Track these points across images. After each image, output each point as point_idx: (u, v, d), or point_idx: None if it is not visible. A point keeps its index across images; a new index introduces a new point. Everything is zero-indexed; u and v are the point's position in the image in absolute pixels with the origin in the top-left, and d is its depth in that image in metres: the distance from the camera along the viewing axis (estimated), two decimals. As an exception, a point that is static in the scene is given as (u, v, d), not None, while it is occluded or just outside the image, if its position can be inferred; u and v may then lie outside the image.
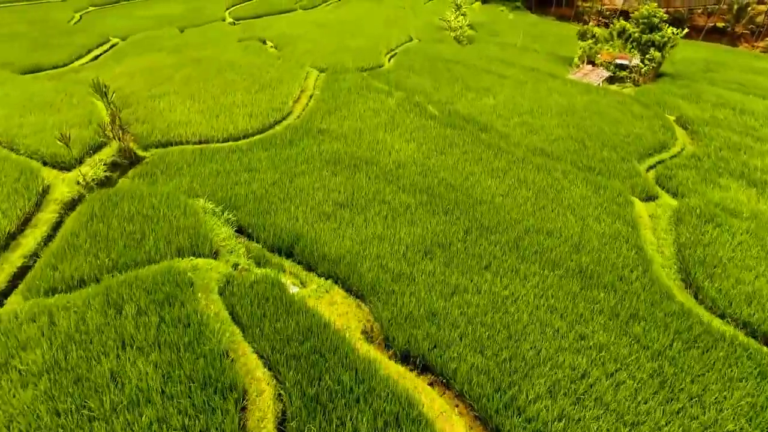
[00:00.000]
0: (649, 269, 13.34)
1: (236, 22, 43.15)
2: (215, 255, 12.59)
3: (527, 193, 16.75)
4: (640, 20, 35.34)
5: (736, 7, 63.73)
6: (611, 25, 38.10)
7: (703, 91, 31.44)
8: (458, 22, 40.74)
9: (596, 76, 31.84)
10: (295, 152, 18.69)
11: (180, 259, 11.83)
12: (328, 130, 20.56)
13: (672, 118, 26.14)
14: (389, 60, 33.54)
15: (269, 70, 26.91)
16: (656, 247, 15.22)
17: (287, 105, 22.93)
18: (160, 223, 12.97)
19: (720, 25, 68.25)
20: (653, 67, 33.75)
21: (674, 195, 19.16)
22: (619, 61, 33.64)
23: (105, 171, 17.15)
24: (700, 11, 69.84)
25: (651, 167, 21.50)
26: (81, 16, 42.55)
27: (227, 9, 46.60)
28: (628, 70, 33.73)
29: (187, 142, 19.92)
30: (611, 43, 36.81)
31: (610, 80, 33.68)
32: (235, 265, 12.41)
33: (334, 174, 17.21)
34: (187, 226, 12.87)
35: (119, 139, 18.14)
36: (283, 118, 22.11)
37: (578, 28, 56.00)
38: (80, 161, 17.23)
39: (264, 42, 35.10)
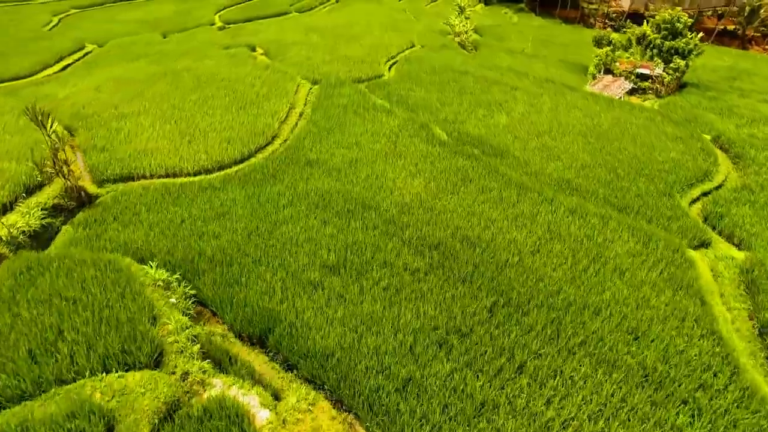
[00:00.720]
0: (738, 371, 9.86)
1: (226, 25, 39.46)
2: (158, 359, 9.09)
3: (562, 249, 13.24)
4: (662, 25, 31.75)
5: (747, 9, 60.00)
6: (629, 30, 34.47)
7: (734, 104, 27.92)
8: (463, 26, 37.09)
9: (617, 87, 28.25)
10: (277, 191, 15.13)
11: (104, 375, 8.34)
12: (318, 161, 17.01)
13: (707, 137, 22.63)
14: (389, 69, 29.95)
15: (255, 83, 23.31)
16: (730, 322, 11.78)
17: (272, 127, 19.36)
18: (87, 313, 9.46)
19: (730, 27, 64.63)
20: (677, 76, 30.19)
21: (729, 239, 15.70)
22: (640, 71, 30.05)
23: (42, 218, 13.62)
24: (709, 13, 66.19)
25: (694, 200, 18.04)
26: (59, 20, 38.78)
27: (217, 12, 42.86)
28: (650, 81, 30.16)
29: (152, 176, 16.38)
30: (630, 50, 33.21)
31: (630, 91, 30.12)
32: (185, 375, 8.93)
33: (323, 222, 13.69)
34: (122, 319, 9.35)
35: (64, 177, 14.60)
36: (267, 144, 18.54)
37: (587, 32, 52.36)
38: (11, 206, 13.71)
39: (253, 49, 31.43)
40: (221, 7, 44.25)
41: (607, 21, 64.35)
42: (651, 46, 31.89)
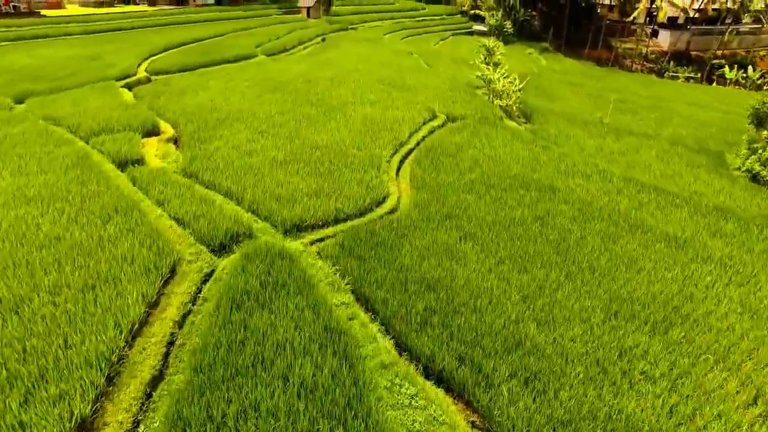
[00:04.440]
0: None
1: (152, 77, 23.90)
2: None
3: None
4: None
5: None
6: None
7: None
8: (509, 84, 21.59)
9: None
10: None
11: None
12: None
13: None
14: (398, 172, 14.39)
15: (71, 284, 7.63)
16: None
17: None
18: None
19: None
20: None
21: None
22: None
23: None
24: (763, 53, 51.45)
25: None
26: None
27: (147, 57, 27.22)
28: None
29: None
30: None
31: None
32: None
33: None
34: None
35: None
36: None
37: (658, 83, 37.44)
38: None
39: (152, 133, 15.79)
40: (157, 51, 28.67)
41: (645, 63, 49.47)
42: None
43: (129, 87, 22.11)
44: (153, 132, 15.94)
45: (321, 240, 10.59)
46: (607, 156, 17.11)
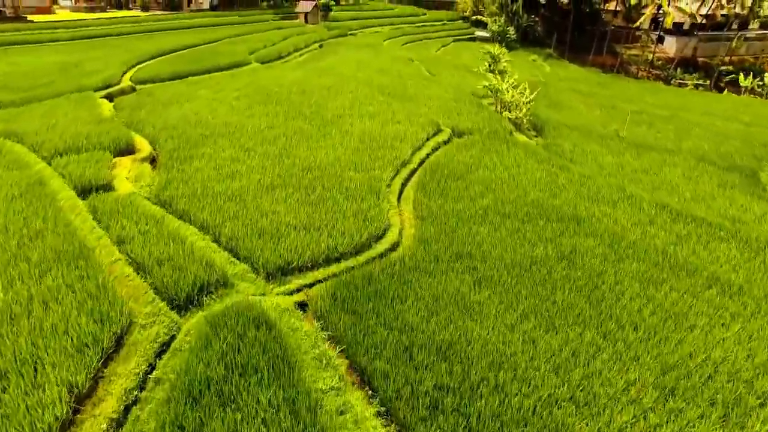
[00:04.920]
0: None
1: (137, 86, 22.18)
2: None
3: None
4: None
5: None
6: None
7: None
8: (519, 94, 19.86)
9: None
10: None
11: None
12: None
13: None
14: (400, 197, 12.66)
15: None
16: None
17: None
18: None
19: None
20: None
21: None
22: None
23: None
24: (771, 60, 49.72)
25: None
26: None
27: (135, 65, 25.50)
28: None
29: None
30: None
31: None
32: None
33: None
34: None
35: None
36: None
37: (670, 91, 35.78)
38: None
39: (125, 151, 14.04)
40: (145, 58, 26.96)
41: (651, 69, 47.82)
42: None
43: (110, 97, 20.39)
44: (128, 150, 14.17)
45: (310, 285, 8.86)
46: (629, 175, 15.36)
